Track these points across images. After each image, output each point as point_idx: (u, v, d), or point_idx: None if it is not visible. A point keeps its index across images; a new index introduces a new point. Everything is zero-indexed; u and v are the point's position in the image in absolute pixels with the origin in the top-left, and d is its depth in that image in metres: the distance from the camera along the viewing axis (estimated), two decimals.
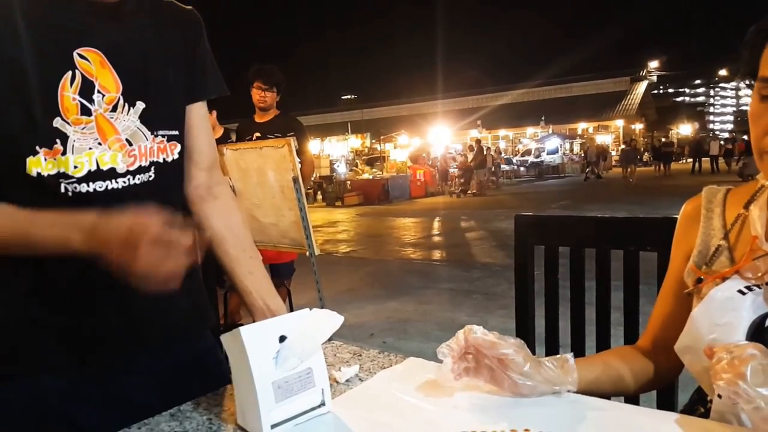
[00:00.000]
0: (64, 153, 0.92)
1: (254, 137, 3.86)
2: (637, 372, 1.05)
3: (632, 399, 1.26)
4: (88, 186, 0.95)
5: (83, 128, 0.94)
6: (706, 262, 0.99)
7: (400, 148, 27.96)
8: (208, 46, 1.16)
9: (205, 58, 1.14)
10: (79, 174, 0.94)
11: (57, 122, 0.91)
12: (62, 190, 0.93)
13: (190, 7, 1.14)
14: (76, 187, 0.94)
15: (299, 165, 3.17)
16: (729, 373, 0.73)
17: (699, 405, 0.99)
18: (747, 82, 0.93)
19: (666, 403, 1.26)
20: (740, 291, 0.87)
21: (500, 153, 28.66)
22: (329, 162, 24.61)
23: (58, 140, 0.92)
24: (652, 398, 1.29)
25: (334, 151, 30.85)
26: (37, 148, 0.91)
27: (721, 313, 0.87)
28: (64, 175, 0.93)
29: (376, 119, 44.42)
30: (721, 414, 0.79)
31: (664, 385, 1.14)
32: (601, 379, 1.00)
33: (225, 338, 0.86)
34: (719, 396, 0.76)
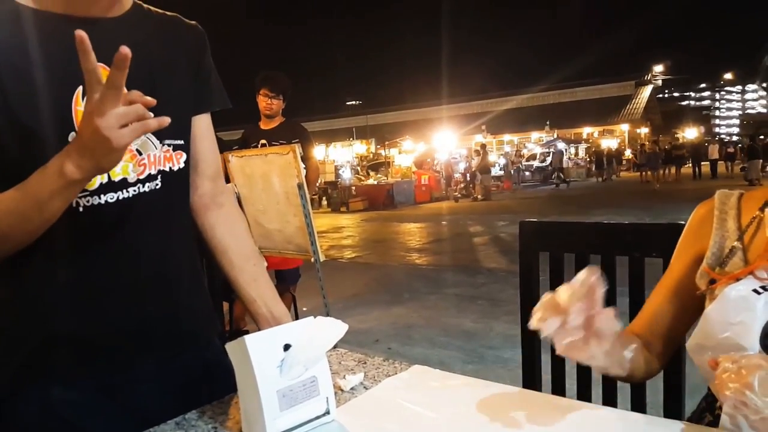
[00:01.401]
0: None
1: (260, 144, 3.88)
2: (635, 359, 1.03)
3: (638, 407, 1.26)
4: (100, 198, 0.96)
5: None
6: (720, 264, 0.99)
7: (404, 154, 27.94)
8: (211, 61, 1.18)
9: (209, 72, 1.16)
10: (93, 187, 0.95)
11: (71, 136, 0.92)
12: (74, 204, 0.93)
13: (194, 22, 1.16)
14: (88, 201, 0.95)
15: (304, 171, 3.18)
16: (736, 383, 0.72)
17: (707, 413, 0.98)
18: None
19: (673, 410, 1.25)
20: (755, 290, 0.87)
21: (521, 157, 28.51)
22: (334, 168, 24.65)
23: None
24: (659, 405, 1.28)
25: (339, 156, 30.90)
26: None
27: (735, 312, 0.86)
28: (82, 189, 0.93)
29: (380, 125, 44.53)
30: (732, 418, 0.78)
31: (638, 381, 1.14)
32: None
33: (230, 346, 0.86)
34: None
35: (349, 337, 0.97)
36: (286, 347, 0.85)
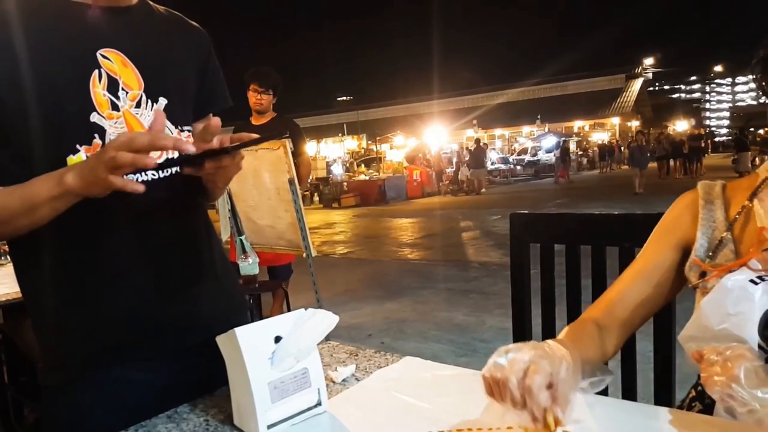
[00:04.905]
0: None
1: None
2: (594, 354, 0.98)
3: (629, 396, 1.27)
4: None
5: (116, 123, 0.98)
6: (709, 255, 0.98)
7: (396, 149, 27.91)
8: (218, 64, 1.20)
9: (213, 74, 1.18)
10: None
11: (94, 117, 0.96)
12: None
13: (197, 24, 1.18)
14: None
15: (295, 167, 3.17)
16: (722, 377, 0.72)
17: (697, 401, 0.99)
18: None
19: (664, 400, 1.26)
20: (752, 281, 0.85)
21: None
22: (325, 164, 24.60)
23: (96, 135, 0.96)
24: (649, 394, 1.29)
25: (330, 152, 30.83)
26: (78, 146, 0.94)
27: (733, 303, 0.84)
28: None
29: (371, 120, 44.44)
30: (728, 410, 0.77)
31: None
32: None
33: (220, 339, 0.86)
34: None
35: (342, 332, 0.97)
36: (277, 339, 0.85)
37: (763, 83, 0.99)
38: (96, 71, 0.96)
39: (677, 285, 1.05)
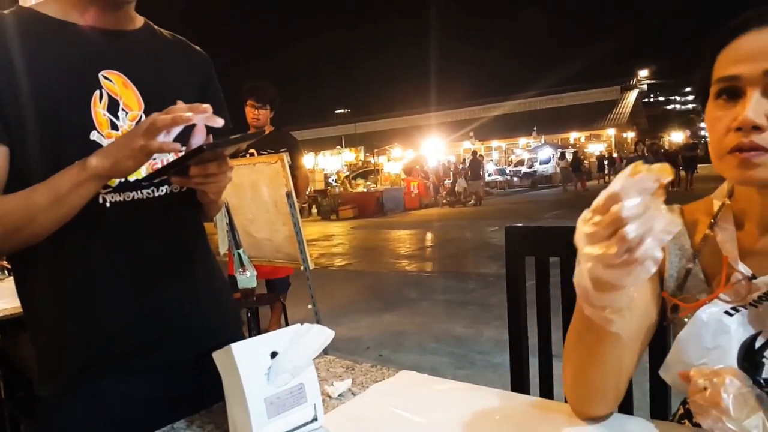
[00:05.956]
0: None
1: (248, 153, 3.87)
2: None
3: (625, 408, 1.27)
4: (120, 196, 1.02)
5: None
6: (679, 287, 0.95)
7: (393, 161, 27.99)
8: (218, 85, 1.24)
9: (215, 97, 1.21)
10: (113, 185, 1.01)
11: (94, 135, 0.98)
12: (100, 200, 0.99)
13: (199, 48, 1.22)
14: (112, 197, 1.01)
15: (293, 180, 3.19)
16: (711, 408, 0.71)
17: (686, 419, 0.99)
18: (700, 97, 0.95)
19: (660, 411, 1.27)
20: (727, 312, 0.84)
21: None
22: (323, 176, 24.65)
23: None
24: (646, 406, 1.29)
25: (328, 165, 30.89)
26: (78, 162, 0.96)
27: (712, 337, 0.83)
28: (104, 185, 0.98)
29: (369, 132, 44.58)
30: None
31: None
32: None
33: (217, 355, 0.86)
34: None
35: (340, 345, 0.98)
36: (273, 355, 0.85)
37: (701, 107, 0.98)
38: (97, 91, 0.99)
39: (662, 311, 0.99)
